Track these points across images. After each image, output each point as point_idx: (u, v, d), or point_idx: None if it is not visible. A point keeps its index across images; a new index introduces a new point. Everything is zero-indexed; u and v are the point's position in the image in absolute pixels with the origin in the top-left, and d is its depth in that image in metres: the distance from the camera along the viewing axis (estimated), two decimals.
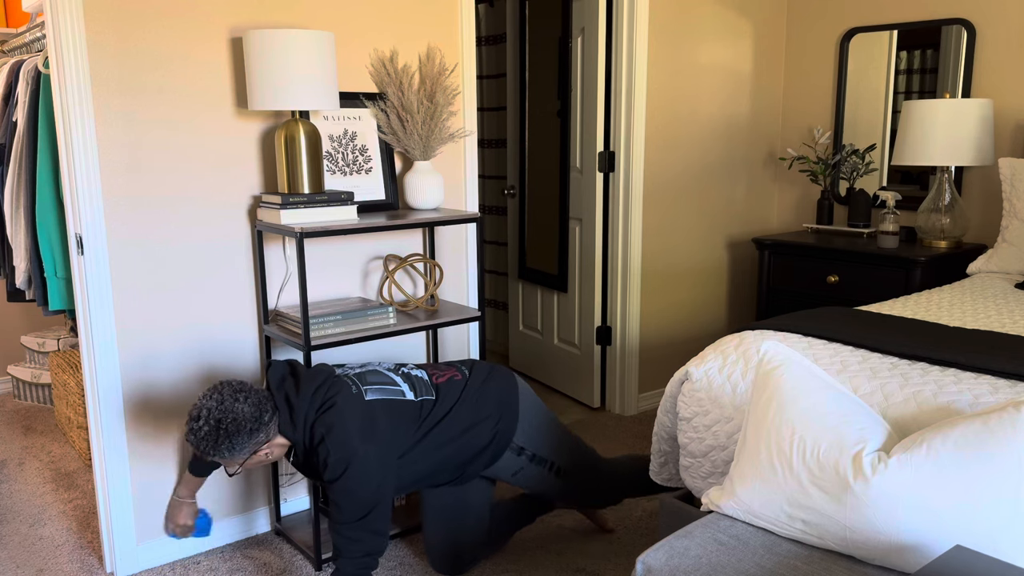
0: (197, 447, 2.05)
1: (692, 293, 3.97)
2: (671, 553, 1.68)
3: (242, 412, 2.04)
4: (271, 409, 2.11)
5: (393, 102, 2.73)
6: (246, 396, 2.07)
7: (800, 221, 4.17)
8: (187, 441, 2.07)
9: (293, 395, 2.15)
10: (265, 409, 2.09)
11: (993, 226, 3.51)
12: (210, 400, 2.05)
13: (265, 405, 2.10)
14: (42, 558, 2.63)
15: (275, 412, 2.13)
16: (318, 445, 2.12)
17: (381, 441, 2.15)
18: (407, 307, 2.76)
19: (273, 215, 2.45)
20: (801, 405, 1.71)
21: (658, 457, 2.34)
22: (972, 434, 1.52)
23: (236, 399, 2.06)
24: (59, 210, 2.81)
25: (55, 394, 3.73)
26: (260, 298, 2.66)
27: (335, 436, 2.09)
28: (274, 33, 2.31)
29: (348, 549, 2.09)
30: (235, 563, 2.59)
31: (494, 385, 2.38)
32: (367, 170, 2.77)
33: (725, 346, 2.20)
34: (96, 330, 2.38)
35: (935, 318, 2.39)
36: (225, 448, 2.04)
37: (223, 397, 2.05)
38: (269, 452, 2.14)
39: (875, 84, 3.80)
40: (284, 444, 2.16)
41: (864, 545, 1.57)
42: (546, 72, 3.92)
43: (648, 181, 3.67)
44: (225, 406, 2.04)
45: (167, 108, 2.43)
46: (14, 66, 3.02)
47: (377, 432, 2.15)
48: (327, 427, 2.10)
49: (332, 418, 2.11)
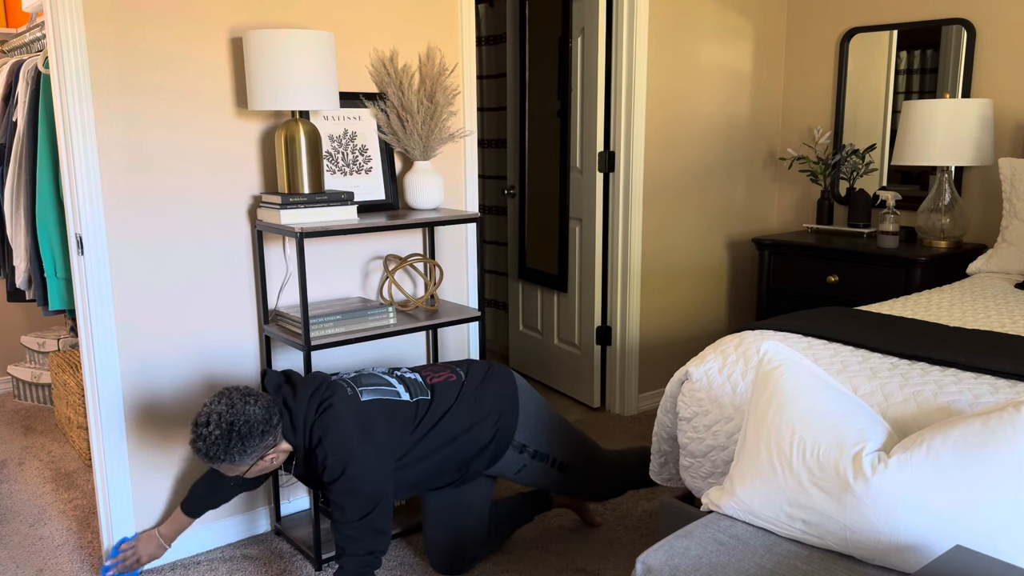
0: (206, 453, 2.02)
1: (692, 293, 3.97)
2: (671, 553, 1.68)
3: (254, 414, 2.04)
4: (278, 412, 2.12)
5: (393, 102, 2.73)
6: (255, 399, 2.08)
7: (800, 221, 4.17)
8: (194, 449, 2.04)
9: (291, 400, 2.15)
10: (274, 412, 2.10)
11: (993, 226, 3.51)
12: (219, 405, 2.04)
13: (273, 408, 2.11)
14: (42, 558, 2.63)
15: (281, 416, 2.13)
16: (316, 447, 2.12)
17: (378, 441, 2.16)
18: (407, 307, 2.76)
19: (273, 215, 2.45)
20: (801, 405, 1.71)
21: (658, 457, 2.34)
22: (972, 434, 1.52)
23: (246, 402, 2.06)
24: (59, 210, 2.81)
25: (55, 394, 3.73)
26: (260, 298, 2.66)
27: (333, 437, 2.10)
28: (274, 33, 2.31)
29: (351, 548, 2.10)
30: (235, 563, 2.59)
31: (492, 384, 2.38)
32: (367, 170, 2.77)
33: (725, 346, 2.20)
34: (96, 330, 2.38)
35: (935, 318, 2.39)
36: (237, 452, 2.03)
37: (232, 401, 2.05)
38: (274, 457, 2.14)
39: (875, 84, 3.80)
40: (287, 449, 2.17)
41: (864, 545, 1.57)
42: (546, 72, 3.92)
43: (648, 181, 3.67)
44: (236, 409, 2.03)
45: (167, 108, 2.43)
46: (14, 66, 3.02)
47: (374, 432, 2.16)
48: (324, 429, 2.11)
49: (329, 419, 2.12)
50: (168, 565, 2.59)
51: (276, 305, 2.70)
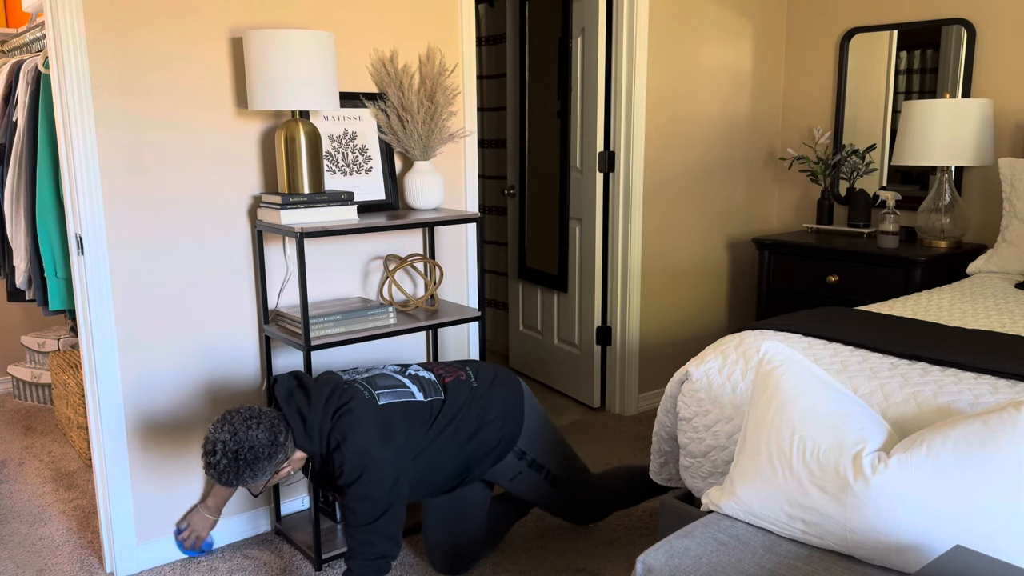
0: (219, 479, 2.03)
1: (692, 293, 3.97)
2: (671, 553, 1.68)
3: (257, 439, 2.03)
4: (284, 428, 2.10)
5: (393, 102, 2.73)
6: (257, 422, 2.05)
7: (800, 221, 4.17)
8: (207, 474, 2.06)
9: (305, 408, 2.13)
10: (279, 430, 2.08)
11: (993, 226, 3.51)
12: (222, 432, 2.02)
13: (278, 426, 2.08)
14: (42, 558, 2.63)
15: (288, 430, 2.11)
16: (334, 452, 2.11)
17: (397, 445, 2.15)
18: (407, 307, 2.76)
19: (273, 215, 2.45)
20: (801, 405, 1.71)
21: (658, 457, 2.34)
22: (972, 434, 1.52)
23: (248, 427, 2.03)
24: (59, 210, 2.81)
25: (55, 394, 3.73)
26: (260, 298, 2.66)
27: (351, 443, 2.09)
28: (274, 33, 2.31)
29: (361, 552, 2.11)
30: (235, 563, 2.59)
31: (501, 388, 2.38)
32: (367, 170, 2.77)
33: (725, 346, 2.20)
34: (96, 330, 2.38)
35: (935, 318, 2.39)
36: (248, 476, 2.03)
37: (235, 428, 2.03)
38: (290, 468, 2.16)
39: (875, 84, 3.80)
40: (302, 457, 2.17)
41: (864, 545, 1.57)
42: (546, 72, 3.92)
43: (648, 181, 3.67)
44: (239, 436, 2.01)
45: (167, 108, 2.43)
46: (14, 66, 3.02)
47: (393, 436, 2.15)
48: (343, 434, 2.10)
49: (347, 425, 2.11)
50: (168, 565, 2.59)
51: (276, 305, 2.70)
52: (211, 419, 2.64)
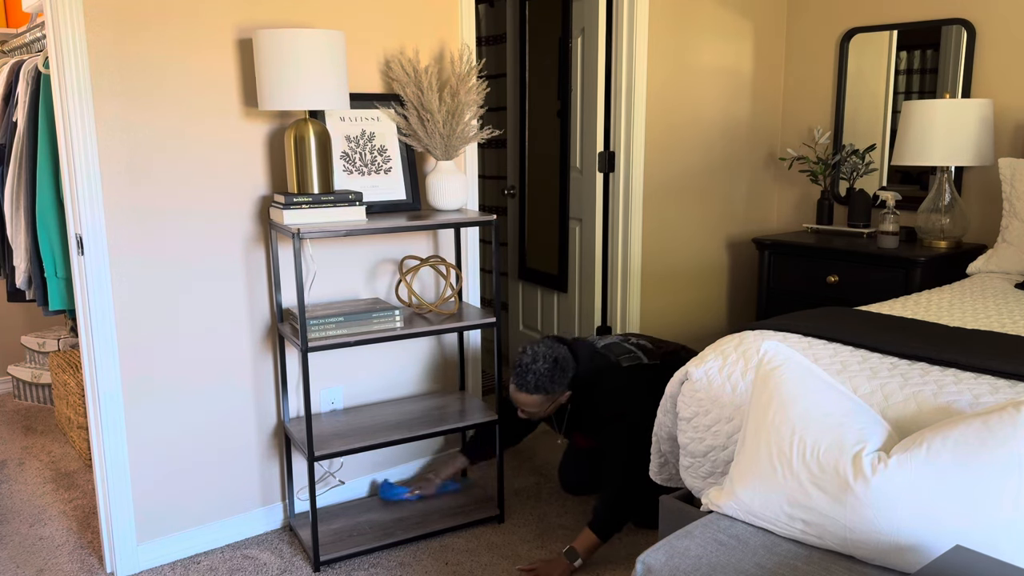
0: (535, 384, 2.47)
1: (692, 293, 3.97)
2: (671, 553, 1.68)
3: (566, 354, 2.55)
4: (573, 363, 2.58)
5: (413, 102, 2.71)
6: (560, 345, 2.57)
7: (800, 221, 4.17)
8: (518, 385, 2.50)
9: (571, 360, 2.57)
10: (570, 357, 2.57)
11: (993, 226, 3.51)
12: (541, 346, 2.53)
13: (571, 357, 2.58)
14: (42, 558, 2.64)
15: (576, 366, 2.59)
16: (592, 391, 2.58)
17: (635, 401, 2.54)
18: (422, 310, 2.76)
19: (277, 215, 2.45)
20: (801, 405, 1.71)
21: (658, 457, 2.34)
22: (972, 434, 1.52)
23: (560, 345, 2.56)
24: (59, 210, 2.81)
25: (55, 394, 3.73)
26: (272, 296, 2.66)
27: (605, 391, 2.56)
28: (284, 33, 2.30)
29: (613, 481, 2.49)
30: (235, 563, 2.59)
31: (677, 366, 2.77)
32: (386, 170, 2.76)
33: (725, 346, 2.20)
34: (96, 330, 2.38)
35: (935, 318, 2.39)
36: (558, 382, 2.50)
37: (550, 344, 2.55)
38: (562, 400, 2.58)
39: (875, 84, 3.80)
40: (566, 398, 2.60)
41: (864, 545, 1.57)
42: (546, 72, 3.92)
43: (648, 181, 3.67)
44: (556, 349, 2.53)
45: (170, 108, 2.42)
46: (14, 66, 3.02)
47: (636, 393, 2.56)
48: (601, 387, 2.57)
49: (603, 379, 2.58)
50: (168, 565, 2.59)
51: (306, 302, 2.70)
52: (211, 419, 2.64)
